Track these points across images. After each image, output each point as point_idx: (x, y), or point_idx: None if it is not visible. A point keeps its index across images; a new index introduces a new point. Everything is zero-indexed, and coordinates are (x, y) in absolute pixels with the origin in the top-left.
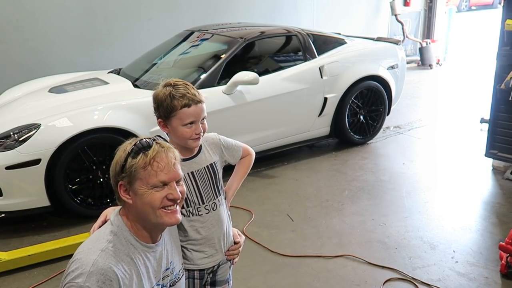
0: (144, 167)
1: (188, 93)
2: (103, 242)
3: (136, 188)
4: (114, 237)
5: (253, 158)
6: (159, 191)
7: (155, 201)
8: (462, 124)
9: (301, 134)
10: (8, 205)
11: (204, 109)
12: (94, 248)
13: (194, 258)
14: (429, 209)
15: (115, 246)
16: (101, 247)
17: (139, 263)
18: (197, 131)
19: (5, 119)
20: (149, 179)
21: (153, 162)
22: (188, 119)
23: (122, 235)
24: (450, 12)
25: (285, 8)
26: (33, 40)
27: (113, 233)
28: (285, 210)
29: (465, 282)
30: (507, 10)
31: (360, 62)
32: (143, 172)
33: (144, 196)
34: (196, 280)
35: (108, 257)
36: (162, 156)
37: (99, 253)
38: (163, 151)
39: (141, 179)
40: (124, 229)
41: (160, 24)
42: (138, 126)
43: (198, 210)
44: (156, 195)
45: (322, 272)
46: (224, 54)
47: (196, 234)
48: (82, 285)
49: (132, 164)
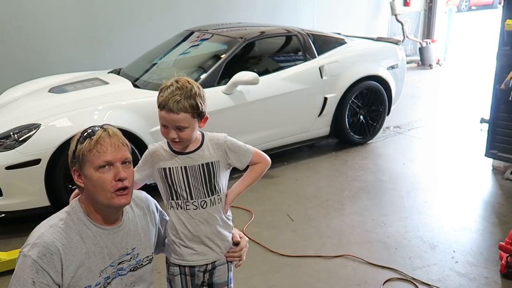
0: (90, 150)
1: (170, 98)
2: (55, 219)
3: (85, 172)
4: (67, 216)
5: (266, 167)
6: (106, 173)
7: (105, 183)
8: (462, 124)
9: (301, 134)
10: (8, 205)
11: (181, 120)
12: (46, 224)
13: (184, 254)
14: (429, 209)
15: (65, 223)
16: (50, 223)
17: (89, 242)
18: (170, 135)
19: (5, 119)
20: (95, 160)
21: (96, 144)
22: (160, 119)
23: (75, 215)
24: (450, 12)
25: (285, 8)
26: (33, 40)
27: (66, 212)
28: (285, 210)
29: (465, 282)
30: (507, 10)
31: (360, 62)
32: (90, 155)
33: (93, 179)
34: (188, 276)
35: (54, 233)
36: (105, 139)
37: (47, 228)
38: (107, 135)
39: (88, 161)
40: (78, 210)
41: (160, 24)
42: (138, 126)
43: (186, 204)
44: (105, 177)
45: (322, 272)
46: (224, 54)
47: (183, 228)
48: (26, 254)
49: (80, 149)
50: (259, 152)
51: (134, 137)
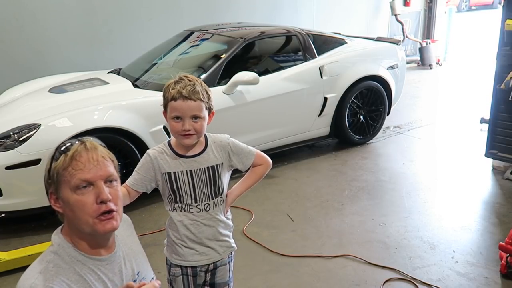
0: (64, 168)
1: (184, 88)
2: (42, 263)
3: (62, 194)
4: (55, 256)
5: (268, 168)
6: (86, 194)
7: (84, 207)
8: (462, 124)
9: (301, 134)
10: (8, 205)
11: (197, 108)
12: (32, 273)
13: (186, 254)
14: (429, 209)
15: (56, 265)
16: (39, 270)
17: (91, 279)
18: (184, 128)
19: (5, 119)
20: (71, 179)
21: (73, 161)
22: (173, 112)
23: (65, 253)
24: (450, 12)
25: (285, 8)
26: (33, 40)
27: (53, 252)
28: (285, 210)
29: (465, 282)
30: (507, 10)
31: (360, 62)
32: (65, 173)
33: (70, 202)
34: (190, 277)
35: (48, 278)
36: (82, 154)
37: (37, 276)
38: (84, 148)
39: (64, 181)
40: (66, 245)
41: (160, 24)
42: (138, 126)
43: (190, 207)
44: (84, 200)
45: (322, 272)
46: (224, 54)
47: (185, 230)
48: None
49: (55, 167)
50: (261, 154)
51: (134, 137)
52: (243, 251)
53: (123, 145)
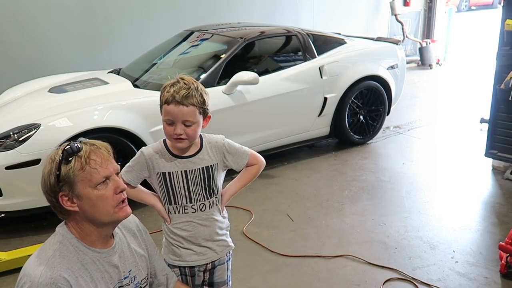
0: (82, 168)
1: (178, 92)
2: (49, 252)
3: (79, 193)
4: (60, 245)
5: (261, 168)
6: (105, 188)
7: (107, 199)
8: (462, 124)
9: (301, 134)
10: (8, 205)
11: (189, 114)
12: (41, 260)
13: (183, 255)
14: (429, 209)
15: (62, 254)
16: (47, 257)
17: (91, 268)
18: (176, 132)
19: (5, 119)
20: (91, 178)
21: (89, 160)
22: (166, 115)
23: (69, 243)
24: (450, 12)
25: (285, 8)
26: (33, 40)
27: (58, 242)
28: (285, 210)
29: (465, 282)
30: (507, 10)
31: (360, 62)
32: (83, 173)
33: (92, 198)
34: (188, 277)
35: (56, 265)
36: (97, 153)
37: (46, 263)
38: (94, 148)
39: (82, 181)
40: (70, 236)
41: (160, 24)
42: (138, 126)
43: (185, 208)
44: (106, 194)
45: (322, 272)
46: (224, 54)
47: (181, 231)
48: None
49: (69, 170)
50: (255, 154)
51: (134, 137)
52: (243, 251)
53: (123, 145)
